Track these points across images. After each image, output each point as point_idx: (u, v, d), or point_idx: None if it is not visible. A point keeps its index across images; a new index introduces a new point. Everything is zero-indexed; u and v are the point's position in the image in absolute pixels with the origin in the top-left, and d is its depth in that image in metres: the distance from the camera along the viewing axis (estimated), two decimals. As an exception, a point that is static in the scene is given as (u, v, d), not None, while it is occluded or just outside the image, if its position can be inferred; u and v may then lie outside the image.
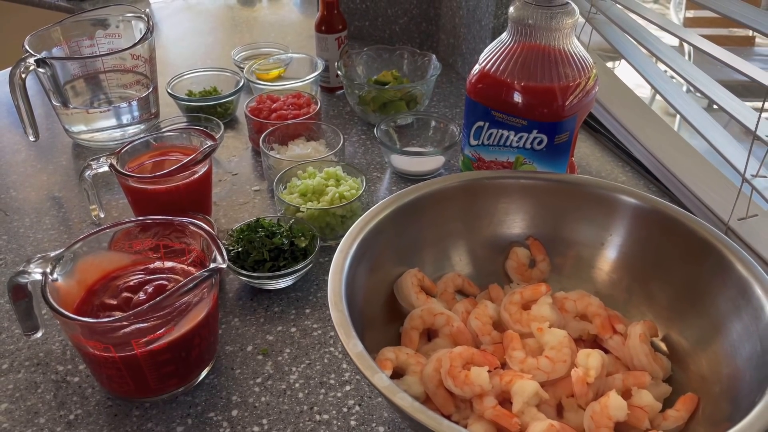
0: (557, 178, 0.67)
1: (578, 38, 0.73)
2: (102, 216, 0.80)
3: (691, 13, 2.80)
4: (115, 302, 0.58)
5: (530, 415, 0.52)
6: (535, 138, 0.72)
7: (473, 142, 0.76)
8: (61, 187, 0.92)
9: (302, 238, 0.73)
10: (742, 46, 2.71)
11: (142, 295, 0.58)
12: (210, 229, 0.59)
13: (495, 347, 0.59)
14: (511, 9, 0.69)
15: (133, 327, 0.54)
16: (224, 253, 0.56)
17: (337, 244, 0.56)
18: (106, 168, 0.75)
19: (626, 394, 0.54)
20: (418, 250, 0.66)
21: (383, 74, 1.06)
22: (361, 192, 0.79)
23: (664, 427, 0.53)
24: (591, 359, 0.54)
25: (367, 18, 1.32)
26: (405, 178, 0.93)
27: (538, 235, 0.68)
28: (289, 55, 1.16)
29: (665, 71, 1.00)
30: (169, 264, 0.64)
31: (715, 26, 2.69)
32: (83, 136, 0.99)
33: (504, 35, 0.71)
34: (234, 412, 0.59)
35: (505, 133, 0.73)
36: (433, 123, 0.98)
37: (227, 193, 0.90)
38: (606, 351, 0.59)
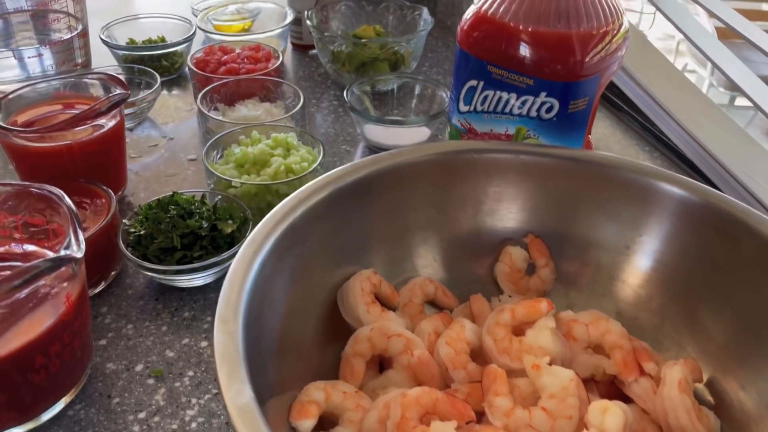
0: (571, 155, 0.50)
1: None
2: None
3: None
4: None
5: (514, 502, 0.34)
6: (543, 103, 0.54)
7: (463, 108, 0.58)
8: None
9: (229, 222, 0.55)
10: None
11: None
12: (70, 203, 0.41)
13: (471, 388, 0.41)
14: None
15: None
16: (81, 237, 0.39)
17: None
18: (-19, 118, 0.57)
19: (659, 473, 0.36)
20: (372, 247, 0.48)
21: (363, 29, 0.87)
22: (315, 165, 0.61)
23: None
24: (608, 418, 0.37)
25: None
26: (380, 154, 0.75)
27: (540, 232, 0.51)
28: (257, 5, 0.98)
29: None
30: (31, 248, 0.46)
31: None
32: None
33: (509, -34, 0.53)
34: (96, 463, 0.42)
35: (505, 95, 0.55)
36: (418, 89, 0.80)
37: (156, 161, 0.72)
38: (627, 400, 0.41)
